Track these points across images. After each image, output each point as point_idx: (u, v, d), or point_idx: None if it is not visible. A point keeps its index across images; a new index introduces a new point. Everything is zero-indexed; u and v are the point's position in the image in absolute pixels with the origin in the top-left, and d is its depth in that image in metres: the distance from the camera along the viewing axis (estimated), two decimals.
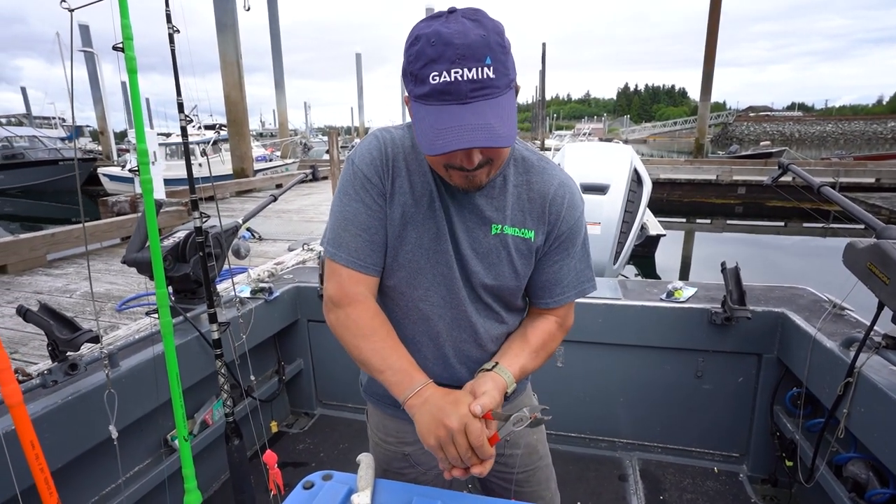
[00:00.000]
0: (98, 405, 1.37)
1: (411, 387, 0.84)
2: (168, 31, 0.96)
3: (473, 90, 0.70)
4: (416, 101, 0.74)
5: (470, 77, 0.70)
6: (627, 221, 3.29)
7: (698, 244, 10.01)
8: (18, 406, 0.69)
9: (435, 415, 0.80)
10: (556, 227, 0.92)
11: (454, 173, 0.81)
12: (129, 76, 0.86)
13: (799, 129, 50.81)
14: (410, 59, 0.73)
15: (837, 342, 1.56)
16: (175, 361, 1.07)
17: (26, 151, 16.63)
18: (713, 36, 18.97)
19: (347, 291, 0.89)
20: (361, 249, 0.88)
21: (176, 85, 1.06)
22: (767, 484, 1.96)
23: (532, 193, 0.91)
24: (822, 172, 11.74)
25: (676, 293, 2.03)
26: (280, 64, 24.53)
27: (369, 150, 0.88)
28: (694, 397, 2.05)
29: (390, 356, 0.88)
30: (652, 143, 52.81)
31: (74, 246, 6.02)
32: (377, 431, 1.12)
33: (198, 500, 1.14)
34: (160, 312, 1.03)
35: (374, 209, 0.88)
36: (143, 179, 0.98)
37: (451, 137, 0.70)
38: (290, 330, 2.45)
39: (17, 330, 3.63)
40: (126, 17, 0.81)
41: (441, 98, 0.71)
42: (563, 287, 0.96)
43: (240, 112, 12.23)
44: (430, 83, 0.70)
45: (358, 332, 0.89)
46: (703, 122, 20.08)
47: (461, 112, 0.71)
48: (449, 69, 0.69)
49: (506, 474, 1.11)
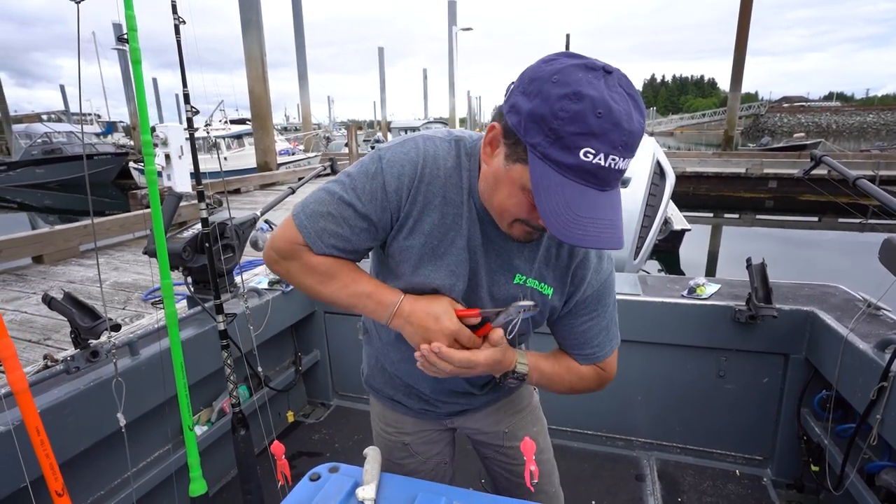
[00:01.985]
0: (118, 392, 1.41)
1: (387, 307, 0.83)
2: (174, 22, 0.97)
3: (615, 179, 0.65)
4: (548, 164, 0.64)
5: (619, 168, 0.63)
6: (649, 216, 3.20)
7: (726, 240, 9.70)
8: (24, 393, 0.70)
9: (422, 335, 0.81)
10: (579, 290, 0.88)
11: (518, 227, 0.75)
12: (134, 67, 0.87)
13: (837, 119, 48.70)
14: (563, 117, 0.61)
15: (871, 344, 1.48)
16: (180, 351, 1.09)
17: (64, 147, 17.26)
18: (745, 22, 18.25)
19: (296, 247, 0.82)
20: (335, 240, 0.81)
21: (182, 76, 1.07)
22: (793, 489, 1.89)
23: (561, 251, 0.87)
24: (861, 165, 11.20)
25: (699, 290, 1.96)
26: (304, 59, 24.78)
27: (402, 161, 0.79)
28: (716, 397, 1.99)
29: (355, 284, 0.84)
30: (679, 135, 51.44)
31: (106, 237, 6.24)
32: (379, 421, 1.15)
33: (202, 489, 1.15)
34: (165, 303, 1.04)
35: (365, 218, 0.80)
36: (147, 171, 0.99)
37: (590, 231, 0.64)
38: (307, 321, 2.48)
39: (51, 318, 3.78)
40: (130, 8, 0.81)
41: (585, 178, 0.63)
42: (594, 347, 0.93)
43: (264, 107, 12.40)
44: (579, 158, 0.61)
45: (324, 279, 0.84)
46: (733, 113, 19.39)
47: (599, 201, 0.64)
48: (608, 153, 0.61)
49: (508, 465, 1.13)
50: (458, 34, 22.22)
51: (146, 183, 1.07)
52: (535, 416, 1.16)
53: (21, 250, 5.33)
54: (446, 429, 1.14)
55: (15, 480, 1.08)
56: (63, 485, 0.72)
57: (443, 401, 1.04)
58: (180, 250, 1.86)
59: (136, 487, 1.51)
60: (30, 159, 16.88)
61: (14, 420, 1.13)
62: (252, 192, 10.89)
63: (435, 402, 1.05)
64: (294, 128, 37.72)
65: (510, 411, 1.11)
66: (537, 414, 1.16)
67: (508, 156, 0.70)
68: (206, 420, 1.94)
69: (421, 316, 0.81)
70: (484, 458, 1.18)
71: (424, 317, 0.80)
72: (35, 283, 4.81)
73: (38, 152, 17.04)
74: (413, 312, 0.81)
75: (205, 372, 1.80)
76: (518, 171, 0.68)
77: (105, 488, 1.51)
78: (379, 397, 1.13)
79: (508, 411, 1.11)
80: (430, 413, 1.08)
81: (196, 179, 1.18)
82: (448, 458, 1.18)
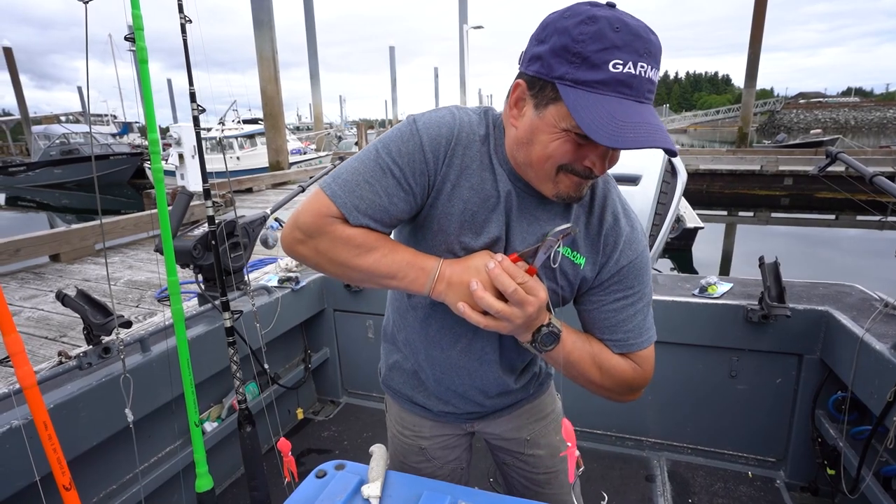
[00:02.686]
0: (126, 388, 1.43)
1: (429, 277, 0.76)
2: (180, 21, 0.98)
3: (649, 91, 0.65)
4: (579, 87, 0.64)
5: (649, 77, 0.64)
6: (660, 213, 3.15)
7: (740, 238, 9.56)
8: (32, 388, 0.71)
9: (465, 294, 0.73)
10: (611, 260, 0.83)
11: (565, 177, 0.72)
12: (140, 66, 0.88)
13: (855, 115, 47.67)
14: (584, 39, 0.63)
15: (888, 344, 1.44)
16: (186, 348, 1.10)
17: (81, 147, 17.59)
18: (760, 16, 17.95)
19: (327, 219, 0.75)
20: (372, 208, 0.74)
21: (188, 75, 1.07)
22: (807, 492, 1.85)
23: (592, 219, 0.83)
24: (881, 162, 10.94)
25: (710, 289, 1.93)
26: (315, 58, 24.95)
27: (439, 123, 0.76)
28: (727, 398, 1.96)
29: (395, 254, 0.77)
30: (692, 132, 50.78)
31: (120, 236, 6.35)
32: (395, 423, 1.11)
33: (209, 485, 1.16)
34: (171, 300, 1.06)
35: (404, 183, 0.75)
36: (154, 168, 1.00)
37: (641, 133, 0.62)
38: (317, 319, 2.49)
39: (67, 315, 3.86)
40: (137, 8, 0.82)
41: (619, 90, 0.64)
42: (626, 332, 0.84)
43: (276, 106, 12.51)
44: (609, 70, 0.63)
45: (356, 248, 0.75)
46: (748, 109, 19.09)
47: (641, 111, 0.64)
48: (636, 61, 0.63)
49: (528, 473, 1.08)
50: (469, 32, 22.18)
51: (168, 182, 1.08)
52: (559, 424, 1.10)
53: (39, 249, 5.45)
54: (465, 433, 1.10)
55: (25, 475, 1.11)
56: (70, 479, 0.74)
57: (468, 398, 0.99)
58: (191, 248, 1.88)
59: (144, 484, 1.53)
60: (48, 160, 17.25)
61: (25, 416, 1.16)
62: (264, 191, 10.99)
63: (456, 404, 1.01)
64: (306, 127, 37.98)
65: (532, 418, 1.07)
66: (560, 422, 1.13)
67: (538, 104, 0.69)
68: (217, 416, 1.96)
69: (461, 274, 0.75)
70: (502, 463, 1.14)
71: (465, 273, 0.74)
72: (52, 280, 4.91)
73: (57, 153, 17.41)
74: (454, 273, 0.76)
75: (215, 369, 1.81)
76: (552, 112, 0.68)
77: (115, 484, 1.53)
78: (397, 399, 1.09)
79: (531, 418, 1.07)
80: (451, 416, 1.04)
81: (203, 178, 1.19)
82: (465, 464, 1.14)
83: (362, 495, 0.89)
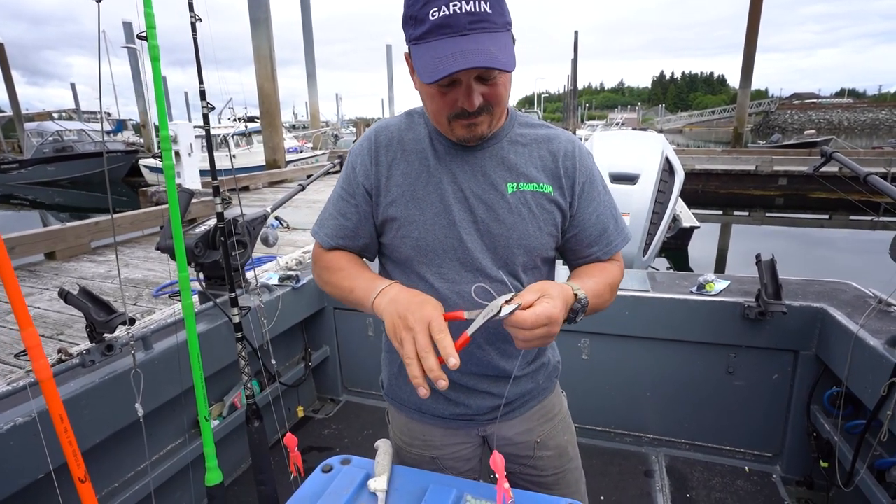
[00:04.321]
0: (131, 386, 1.44)
1: (375, 289, 0.84)
2: (190, 20, 0.98)
3: (472, 22, 0.73)
4: (416, 43, 0.76)
5: (468, 10, 0.72)
6: (658, 212, 3.18)
7: (735, 237, 9.63)
8: (48, 381, 0.72)
9: (400, 312, 0.76)
10: (574, 179, 0.93)
11: (456, 124, 0.83)
12: (153, 64, 0.89)
13: (848, 116, 48.02)
14: (411, 3, 0.76)
15: (882, 340, 1.47)
16: (196, 342, 1.11)
17: (75, 144, 17.45)
18: (755, 16, 18.03)
19: (316, 251, 1.00)
20: (334, 229, 0.96)
21: (198, 73, 1.08)
22: (803, 486, 1.88)
23: (542, 152, 0.93)
24: (874, 162, 11.03)
25: (708, 286, 1.96)
26: (312, 57, 24.82)
27: (361, 145, 0.95)
28: (725, 393, 1.98)
29: (356, 275, 0.91)
30: (688, 132, 50.98)
31: (117, 234, 6.31)
32: (401, 436, 1.09)
33: (218, 479, 1.17)
34: (182, 295, 1.06)
35: (350, 199, 0.94)
36: (165, 165, 1.00)
37: (450, 62, 0.72)
38: (317, 317, 2.50)
39: (63, 313, 3.84)
40: (149, 6, 0.83)
41: (440, 32, 0.73)
42: (610, 234, 0.97)
43: (272, 104, 12.46)
44: (429, 20, 0.73)
45: (331, 269, 0.95)
46: (743, 110, 19.19)
47: (460, 41, 0.73)
48: (448, 3, 0.72)
49: (535, 477, 1.09)
50: None
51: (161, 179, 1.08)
52: (566, 423, 1.13)
53: (34, 247, 5.41)
54: (477, 444, 1.09)
55: (38, 468, 1.11)
56: (86, 471, 0.75)
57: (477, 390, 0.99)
58: (192, 246, 1.88)
59: (152, 477, 1.54)
60: (41, 157, 17.08)
61: (36, 409, 1.16)
62: (261, 189, 10.96)
63: (466, 402, 1.00)
64: (302, 125, 37.87)
65: (543, 419, 1.08)
66: (567, 422, 1.13)
67: (412, 70, 0.82)
68: (218, 415, 1.97)
69: (407, 297, 0.78)
70: (509, 473, 1.09)
71: (410, 298, 0.78)
72: (48, 279, 4.89)
73: (50, 150, 17.25)
74: (399, 294, 0.80)
75: (216, 367, 1.82)
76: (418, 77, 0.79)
77: (120, 480, 1.54)
78: (403, 409, 1.06)
79: (541, 419, 1.08)
80: (462, 421, 1.02)
81: (212, 175, 1.20)
82: (477, 475, 1.14)
83: (369, 489, 0.90)
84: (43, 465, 0.96)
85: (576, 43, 31.58)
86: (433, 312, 0.74)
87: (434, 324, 0.72)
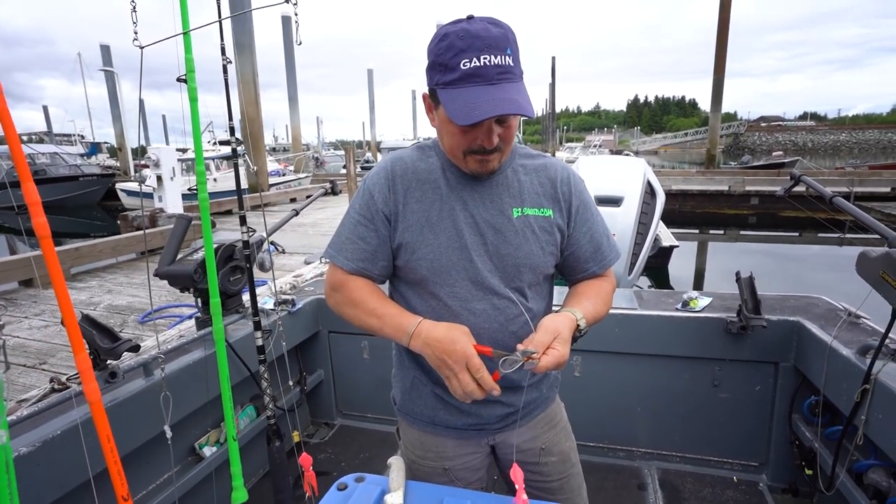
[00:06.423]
0: (135, 412, 1.44)
1: (405, 332, 0.93)
2: (222, 63, 1.05)
3: (499, 74, 0.84)
4: (446, 88, 0.86)
5: (496, 63, 0.83)
6: (641, 233, 3.32)
7: (712, 255, 9.93)
8: (97, 403, 0.75)
9: (438, 355, 0.88)
10: (570, 203, 1.04)
11: (471, 159, 0.93)
12: (191, 104, 0.95)
13: (812, 138, 50.33)
14: (440, 51, 0.86)
15: (853, 350, 1.57)
16: (226, 366, 1.14)
17: (48, 168, 17.06)
18: (723, 44, 19.01)
19: (344, 276, 1.03)
20: (354, 252, 1.01)
21: (228, 110, 1.14)
22: (788, 493, 1.96)
23: (542, 179, 1.04)
24: (837, 182, 11.61)
25: (692, 303, 2.06)
26: (294, 80, 25.05)
27: (378, 174, 1.03)
28: (711, 406, 2.06)
29: (382, 312, 0.98)
30: (663, 153, 52.64)
31: (97, 260, 6.19)
32: (414, 449, 1.13)
33: (243, 498, 1.19)
34: (213, 320, 1.10)
35: (370, 224, 1.00)
36: (200, 198, 1.06)
37: (485, 108, 0.82)
38: (312, 341, 2.51)
39: (46, 342, 3.75)
40: (189, 52, 0.90)
41: (471, 81, 0.84)
42: (604, 250, 1.07)
43: (256, 128, 12.52)
44: (460, 69, 0.83)
45: (355, 302, 1.01)
46: (714, 132, 20.02)
47: (490, 90, 0.83)
48: (478, 56, 0.82)
49: (541, 483, 1.14)
50: None
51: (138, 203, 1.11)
52: (567, 431, 1.20)
53: (9, 274, 5.27)
54: (487, 453, 1.14)
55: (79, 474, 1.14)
56: (129, 491, 0.77)
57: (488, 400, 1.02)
58: (191, 272, 1.90)
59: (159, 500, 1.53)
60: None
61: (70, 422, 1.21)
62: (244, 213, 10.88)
63: (478, 412, 1.06)
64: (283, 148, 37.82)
65: (547, 427, 1.15)
66: (568, 430, 1.21)
67: (434, 107, 0.93)
68: (216, 441, 1.95)
69: (439, 338, 0.89)
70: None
71: (443, 339, 0.88)
72: (26, 307, 4.76)
73: None
74: (430, 334, 0.90)
75: (213, 393, 1.81)
76: (442, 112, 0.90)
77: None
78: (416, 423, 1.12)
79: (545, 427, 1.14)
80: (473, 431, 1.08)
81: (239, 204, 1.25)
82: (485, 484, 1.19)
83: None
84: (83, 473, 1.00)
85: (553, 68, 32.61)
86: (467, 350, 0.86)
87: (471, 363, 0.85)
